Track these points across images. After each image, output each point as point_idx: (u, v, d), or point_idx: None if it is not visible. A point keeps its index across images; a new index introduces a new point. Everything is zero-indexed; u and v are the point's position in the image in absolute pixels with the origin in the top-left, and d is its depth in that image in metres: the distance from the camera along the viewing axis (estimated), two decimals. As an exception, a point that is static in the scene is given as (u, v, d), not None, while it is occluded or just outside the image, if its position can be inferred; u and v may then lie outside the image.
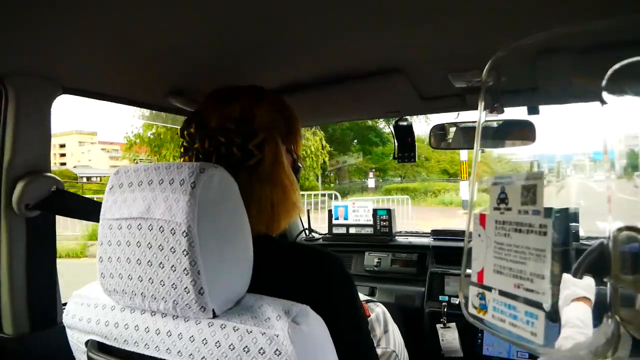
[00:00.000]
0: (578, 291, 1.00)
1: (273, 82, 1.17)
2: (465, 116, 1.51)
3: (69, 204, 1.07)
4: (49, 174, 1.04)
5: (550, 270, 0.41)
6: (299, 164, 0.89)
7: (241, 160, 0.77)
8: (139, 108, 1.31)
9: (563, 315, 0.96)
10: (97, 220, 0.69)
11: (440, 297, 1.82)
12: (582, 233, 1.57)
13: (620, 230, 0.40)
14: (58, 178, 1.05)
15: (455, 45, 0.94)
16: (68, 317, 0.77)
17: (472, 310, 0.51)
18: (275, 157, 0.80)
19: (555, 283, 0.42)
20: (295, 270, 0.73)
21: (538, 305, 0.42)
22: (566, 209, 1.49)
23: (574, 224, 1.54)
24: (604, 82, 0.40)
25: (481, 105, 0.54)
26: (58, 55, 0.90)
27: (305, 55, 1.01)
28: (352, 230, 2.20)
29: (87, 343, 0.74)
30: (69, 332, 0.78)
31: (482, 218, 0.50)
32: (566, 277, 1.01)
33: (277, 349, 0.57)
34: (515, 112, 1.37)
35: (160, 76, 1.08)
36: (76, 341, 0.77)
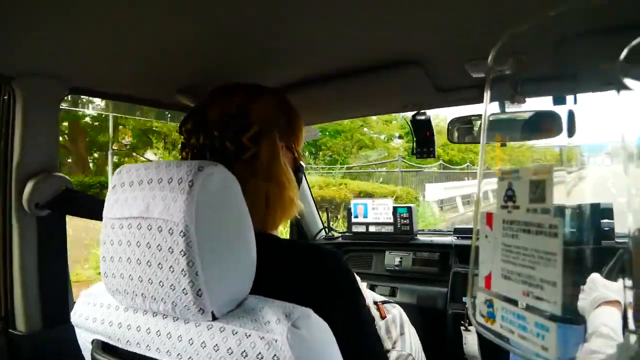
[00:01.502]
0: (609, 294, 0.89)
1: (282, 78, 1.15)
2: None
3: (77, 204, 1.08)
4: (58, 174, 1.05)
5: (562, 276, 0.36)
6: (301, 162, 0.87)
7: (235, 154, 0.76)
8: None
9: (590, 322, 0.86)
10: None
11: (464, 299, 1.76)
12: (618, 230, 1.47)
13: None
14: (67, 178, 1.06)
15: (472, 32, 0.88)
16: (76, 316, 0.77)
17: (479, 319, 0.46)
18: (272, 152, 0.79)
19: (569, 287, 0.37)
20: (295, 269, 0.71)
21: (549, 316, 0.38)
22: (597, 204, 1.39)
23: (607, 220, 1.44)
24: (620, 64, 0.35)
25: (487, 94, 0.49)
26: (65, 55, 0.90)
27: (314, 50, 0.98)
28: (372, 229, 2.15)
29: (92, 342, 0.74)
30: (77, 330, 0.79)
31: (488, 217, 0.45)
32: (595, 277, 0.93)
33: (275, 355, 0.54)
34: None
35: (168, 74, 1.07)
36: (84, 340, 0.77)
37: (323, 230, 2.26)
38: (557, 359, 0.37)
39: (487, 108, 0.50)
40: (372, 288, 1.92)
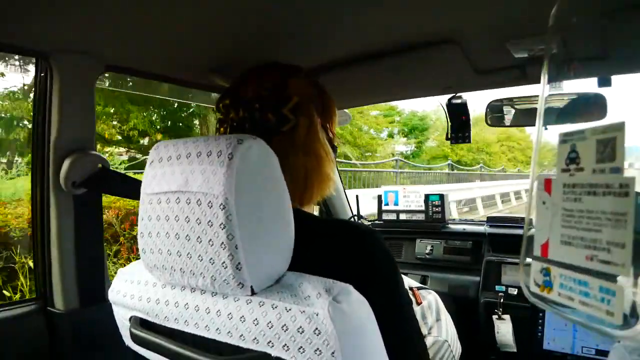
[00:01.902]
0: None
1: (311, 60, 1.14)
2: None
3: (113, 182, 1.08)
4: (94, 152, 1.06)
5: (633, 237, 0.34)
6: (334, 144, 0.87)
7: (275, 126, 0.76)
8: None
9: None
10: None
11: (497, 287, 1.73)
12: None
13: None
14: (103, 156, 1.06)
15: (514, 7, 0.85)
16: (113, 294, 0.78)
17: (534, 289, 0.45)
18: (310, 125, 0.79)
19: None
20: (334, 247, 0.70)
21: (616, 279, 0.36)
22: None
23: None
24: None
25: (544, 74, 0.47)
26: (100, 32, 0.91)
27: (348, 30, 0.96)
28: (402, 217, 2.13)
29: (130, 319, 0.75)
30: (114, 308, 0.80)
31: (547, 183, 0.44)
32: None
33: (316, 328, 0.53)
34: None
35: (201, 53, 1.07)
36: (121, 317, 0.78)
37: (353, 218, 2.25)
38: (624, 325, 0.36)
39: (544, 88, 0.48)
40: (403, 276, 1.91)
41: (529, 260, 0.45)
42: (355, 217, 2.24)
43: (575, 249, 0.40)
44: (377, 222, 2.21)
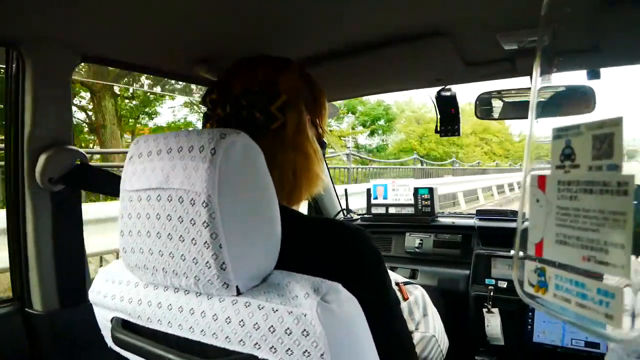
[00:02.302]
0: None
1: (299, 52, 1.12)
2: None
3: (93, 178, 1.05)
4: (72, 147, 1.02)
5: (632, 237, 0.33)
6: (324, 140, 0.86)
7: (263, 124, 0.74)
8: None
9: None
10: None
11: (487, 281, 1.73)
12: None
13: None
14: (82, 151, 1.03)
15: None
16: (94, 294, 0.75)
17: (528, 289, 0.43)
18: (299, 123, 0.77)
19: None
20: (322, 246, 0.68)
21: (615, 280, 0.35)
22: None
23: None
24: None
25: (537, 67, 0.46)
26: (76, 20, 0.87)
27: (337, 21, 0.94)
28: (391, 210, 2.12)
29: (112, 320, 0.72)
30: (95, 308, 0.77)
31: (540, 180, 0.42)
32: None
33: (304, 329, 0.52)
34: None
35: (185, 45, 1.04)
36: (102, 318, 0.76)
37: (341, 212, 2.23)
38: (624, 328, 0.34)
39: (537, 81, 0.46)
40: (392, 270, 1.91)
41: (522, 254, 0.44)
42: (344, 212, 2.22)
43: (571, 248, 0.38)
44: (366, 216, 2.20)
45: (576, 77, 1.21)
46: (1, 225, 1.13)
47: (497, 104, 1.39)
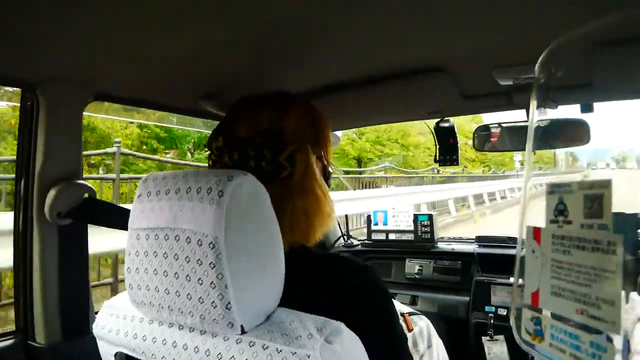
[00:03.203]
0: None
1: (304, 84, 1.14)
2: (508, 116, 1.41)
3: (100, 212, 1.06)
4: (80, 181, 1.03)
5: (622, 295, 0.35)
6: (330, 169, 0.86)
7: (271, 174, 0.74)
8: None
9: (633, 341, 0.82)
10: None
11: (487, 308, 1.73)
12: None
13: None
14: (90, 186, 1.04)
15: (501, 38, 0.87)
16: (98, 328, 0.76)
17: (525, 337, 0.45)
18: (307, 168, 0.77)
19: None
20: (330, 280, 0.69)
21: (594, 331, 0.36)
22: (635, 214, 1.35)
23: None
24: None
25: (533, 103, 0.48)
26: (88, 61, 0.90)
27: (339, 57, 0.97)
28: (391, 236, 2.13)
29: (115, 355, 0.72)
30: (99, 343, 0.77)
31: (535, 232, 0.44)
32: (634, 295, 0.89)
33: None
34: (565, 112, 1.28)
35: (191, 81, 1.07)
36: (106, 353, 0.76)
37: (342, 238, 2.24)
38: (616, 382, 0.36)
39: (533, 114, 0.48)
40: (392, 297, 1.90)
41: (521, 281, 0.45)
42: (345, 237, 2.23)
43: (566, 301, 0.40)
44: (366, 242, 2.21)
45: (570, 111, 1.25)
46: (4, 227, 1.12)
47: (494, 137, 1.42)
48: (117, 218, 1.04)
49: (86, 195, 1.03)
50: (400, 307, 1.31)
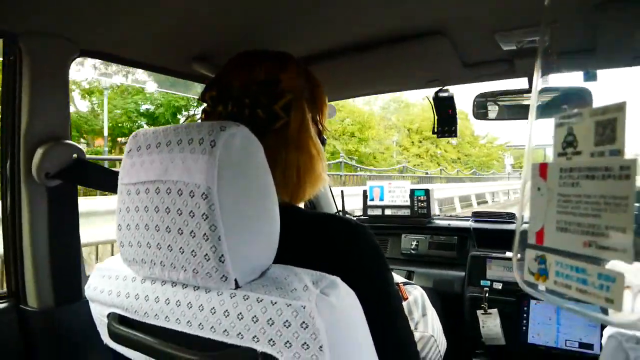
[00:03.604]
0: None
1: (298, 50, 1.11)
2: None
3: (90, 174, 1.03)
4: (69, 142, 1.00)
5: (633, 221, 0.33)
6: (324, 136, 0.85)
7: (266, 123, 0.73)
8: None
9: None
10: None
11: (482, 282, 1.74)
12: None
13: None
14: (79, 146, 1.01)
15: None
16: (90, 290, 0.74)
17: (528, 278, 0.43)
18: (302, 123, 0.76)
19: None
20: (322, 240, 0.68)
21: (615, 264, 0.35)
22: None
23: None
24: None
25: (538, 67, 0.46)
26: (75, 14, 0.86)
27: (335, 20, 0.94)
28: (388, 212, 2.13)
29: (108, 316, 0.71)
30: (91, 305, 0.76)
31: (542, 168, 0.42)
32: None
33: (303, 322, 0.51)
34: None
35: (184, 41, 1.04)
36: (99, 314, 0.75)
37: (338, 214, 2.23)
38: (625, 312, 0.34)
39: (538, 80, 0.46)
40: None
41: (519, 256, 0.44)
42: (340, 213, 2.22)
43: (572, 235, 0.38)
44: (362, 217, 2.20)
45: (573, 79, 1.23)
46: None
47: (494, 106, 1.39)
48: (107, 179, 1.02)
49: (75, 155, 0.99)
50: (394, 277, 1.32)
